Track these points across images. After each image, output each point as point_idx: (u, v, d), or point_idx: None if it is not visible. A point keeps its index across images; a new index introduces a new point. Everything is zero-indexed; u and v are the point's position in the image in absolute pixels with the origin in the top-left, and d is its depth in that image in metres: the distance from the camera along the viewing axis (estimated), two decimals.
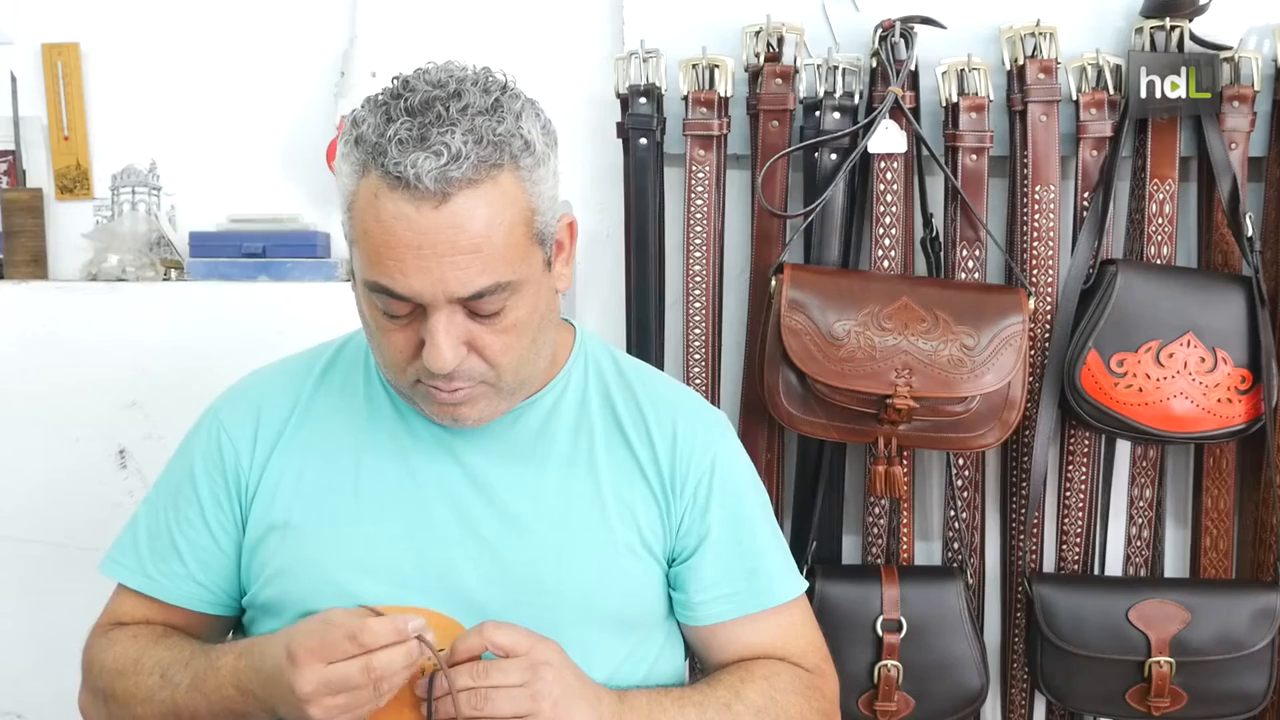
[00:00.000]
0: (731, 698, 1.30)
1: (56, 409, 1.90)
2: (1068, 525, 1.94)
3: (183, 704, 1.25)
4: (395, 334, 1.20)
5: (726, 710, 1.28)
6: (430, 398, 1.23)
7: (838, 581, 1.87)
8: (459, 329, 1.18)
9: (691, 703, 1.28)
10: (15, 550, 1.94)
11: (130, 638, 1.32)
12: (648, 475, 1.33)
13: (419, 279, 1.14)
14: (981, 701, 1.89)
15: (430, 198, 1.12)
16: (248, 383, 1.41)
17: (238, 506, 1.33)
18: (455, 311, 1.17)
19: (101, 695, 1.32)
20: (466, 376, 1.20)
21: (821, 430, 1.82)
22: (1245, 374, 1.83)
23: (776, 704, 1.31)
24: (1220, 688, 1.85)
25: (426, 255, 1.13)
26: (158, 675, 1.27)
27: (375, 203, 1.14)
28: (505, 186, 1.16)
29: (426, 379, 1.21)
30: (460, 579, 1.27)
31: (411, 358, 1.20)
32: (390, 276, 1.15)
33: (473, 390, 1.22)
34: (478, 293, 1.16)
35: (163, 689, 1.26)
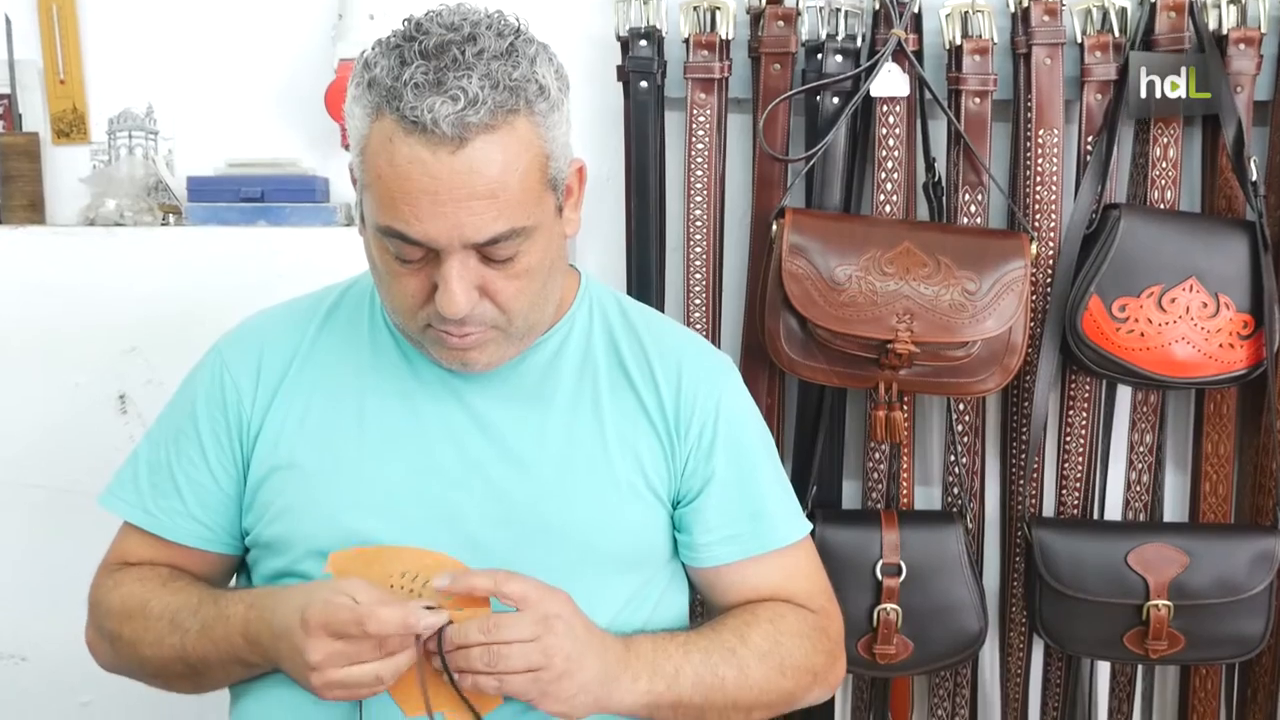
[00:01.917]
0: (736, 642, 1.30)
1: (56, 355, 1.90)
2: (1068, 470, 1.95)
3: (191, 649, 1.26)
4: (406, 279, 1.20)
5: (731, 655, 1.29)
6: (440, 342, 1.23)
7: (838, 526, 1.87)
8: (472, 274, 1.17)
9: (697, 648, 1.28)
10: (19, 495, 1.94)
11: (137, 580, 1.33)
12: (652, 418, 1.33)
13: (434, 224, 1.14)
14: (980, 645, 1.90)
15: (447, 143, 1.11)
16: (252, 323, 1.41)
17: (239, 446, 1.33)
18: (469, 257, 1.17)
19: (108, 636, 1.33)
20: (478, 321, 1.20)
21: (822, 375, 1.82)
22: (1247, 319, 1.83)
23: (781, 647, 1.32)
24: (1218, 631, 1.87)
25: (442, 201, 1.13)
26: (166, 620, 1.28)
27: (389, 147, 1.13)
28: (521, 132, 1.15)
29: (437, 324, 1.21)
30: (464, 520, 1.27)
31: (423, 303, 1.20)
32: (405, 222, 1.14)
33: (483, 335, 1.22)
34: (493, 238, 1.15)
35: (171, 634, 1.27)
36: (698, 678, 1.27)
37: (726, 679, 1.28)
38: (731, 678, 1.29)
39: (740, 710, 1.31)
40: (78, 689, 1.90)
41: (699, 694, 1.27)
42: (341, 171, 1.97)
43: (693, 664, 1.27)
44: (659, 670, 1.25)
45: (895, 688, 2.02)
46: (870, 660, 1.88)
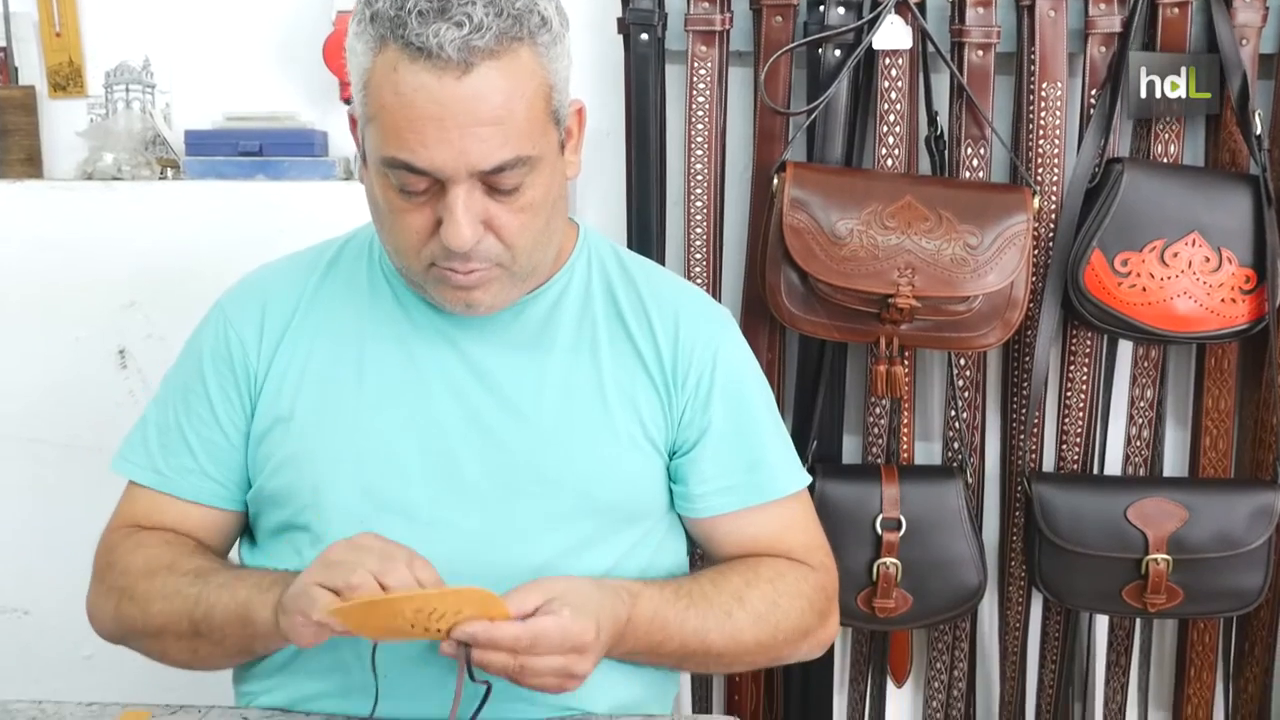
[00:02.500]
0: (734, 604, 1.30)
1: (55, 309, 1.90)
2: (1068, 425, 1.95)
3: (205, 598, 1.24)
4: (410, 214, 1.19)
5: (726, 619, 1.29)
6: (444, 281, 1.22)
7: (838, 481, 1.88)
8: (477, 206, 1.17)
9: (695, 612, 1.28)
10: (20, 450, 1.95)
11: (163, 544, 1.32)
12: (650, 368, 1.33)
13: (440, 151, 1.13)
14: (979, 599, 1.91)
15: (453, 68, 1.11)
16: (254, 277, 1.40)
17: (246, 400, 1.33)
18: (474, 188, 1.16)
19: (117, 594, 1.31)
20: (483, 258, 1.20)
21: (823, 330, 1.82)
22: (1249, 273, 1.82)
23: (778, 608, 1.32)
24: (1216, 584, 1.87)
25: (448, 127, 1.12)
26: (191, 575, 1.27)
27: (394, 75, 1.13)
28: (525, 60, 1.15)
29: (442, 261, 1.20)
30: (462, 469, 1.28)
31: (427, 238, 1.19)
32: (410, 150, 1.14)
33: (487, 273, 1.21)
34: (499, 166, 1.15)
35: (193, 585, 1.25)
36: (684, 644, 1.27)
37: (714, 645, 1.29)
38: (720, 644, 1.29)
39: (724, 666, 1.34)
40: (80, 642, 1.91)
41: (678, 655, 1.29)
42: (340, 125, 1.97)
43: (684, 635, 1.27)
44: (648, 640, 1.25)
45: (894, 641, 2.03)
46: (870, 614, 1.89)
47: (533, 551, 1.28)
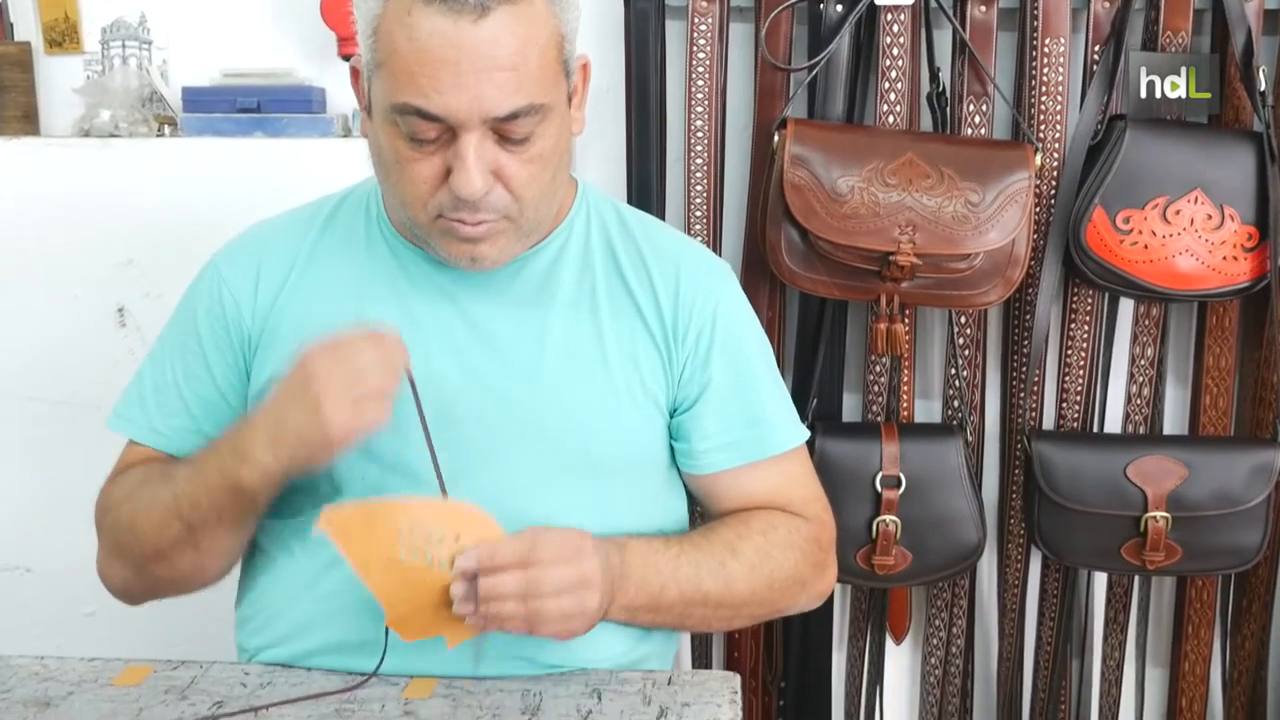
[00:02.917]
0: (727, 555, 1.31)
1: (53, 267, 1.89)
2: (1068, 383, 1.95)
3: (183, 495, 1.23)
4: (419, 164, 1.18)
5: (720, 569, 1.30)
6: (450, 234, 1.21)
7: (838, 438, 1.88)
8: (488, 155, 1.17)
9: (687, 562, 1.29)
10: (20, 408, 1.95)
11: (139, 471, 1.32)
12: (649, 325, 1.33)
13: (454, 96, 1.13)
14: (978, 556, 1.91)
15: (469, 12, 1.11)
16: (249, 234, 1.40)
17: (241, 359, 1.33)
18: (485, 137, 1.16)
19: (112, 534, 1.31)
20: (491, 209, 1.19)
21: (823, 288, 1.81)
22: (1252, 231, 1.82)
23: (771, 560, 1.33)
24: (1215, 542, 1.88)
25: (464, 72, 1.12)
26: (158, 481, 1.26)
27: (408, 20, 1.12)
28: (539, 8, 1.15)
29: (449, 212, 1.19)
30: (462, 425, 1.27)
31: (434, 189, 1.19)
32: (424, 95, 1.13)
33: (495, 225, 1.21)
34: (512, 112, 1.15)
35: (163, 490, 1.25)
36: (681, 594, 1.28)
37: (711, 594, 1.29)
38: (716, 592, 1.29)
39: (722, 619, 1.33)
40: (82, 599, 1.92)
41: (679, 607, 1.29)
42: (338, 82, 1.95)
43: (679, 582, 1.28)
44: (646, 584, 1.26)
45: (893, 598, 2.04)
46: (869, 571, 1.89)
47: (533, 507, 1.28)
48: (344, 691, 1.23)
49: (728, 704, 1.22)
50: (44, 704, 1.21)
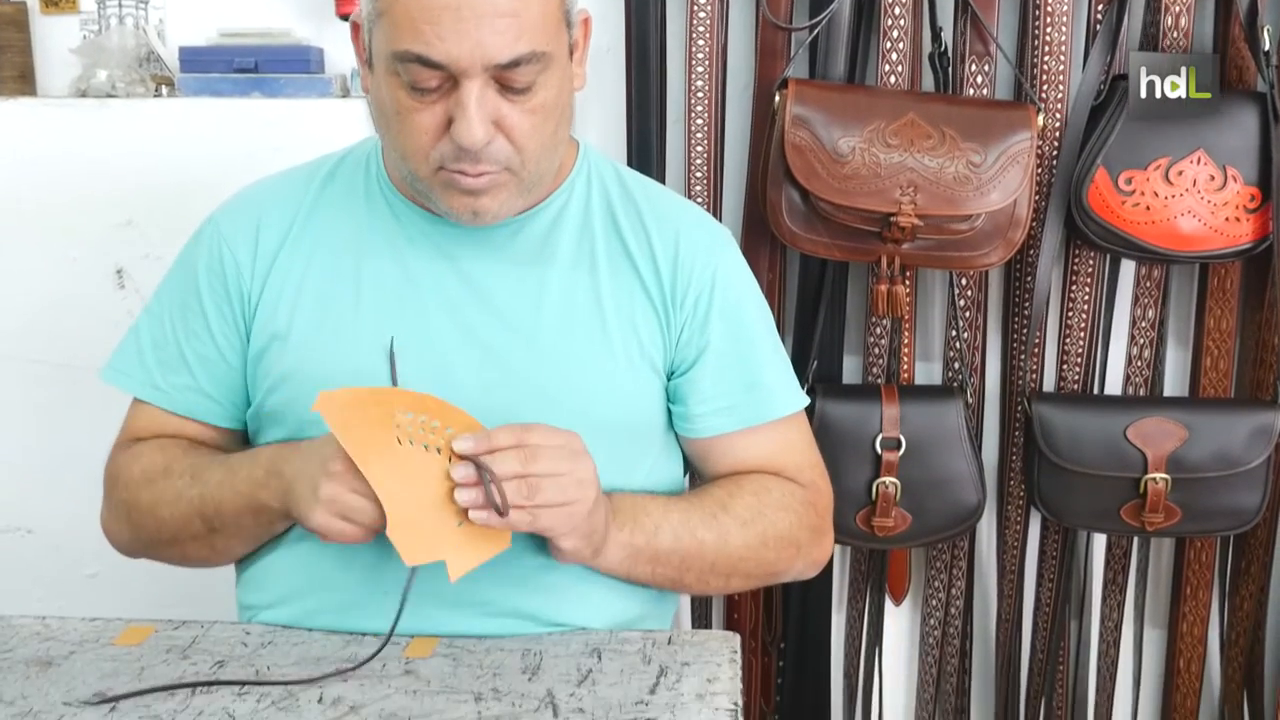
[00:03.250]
0: (718, 509, 1.31)
1: (52, 228, 1.89)
2: (1069, 345, 1.94)
3: (209, 498, 1.26)
4: (420, 114, 1.18)
5: (712, 520, 1.30)
6: (452, 186, 1.21)
7: (838, 400, 1.88)
8: (490, 104, 1.16)
9: (677, 509, 1.29)
10: (20, 369, 1.95)
11: (158, 449, 1.33)
12: (648, 288, 1.33)
13: (456, 43, 1.12)
14: (978, 518, 1.92)
15: None
16: (248, 193, 1.39)
17: (241, 318, 1.33)
18: (487, 85, 1.16)
19: (125, 507, 1.33)
20: (493, 160, 1.19)
21: (824, 249, 1.81)
22: (1255, 192, 1.81)
23: (764, 518, 1.33)
24: (1214, 503, 1.88)
25: (465, 18, 1.12)
26: (188, 476, 1.28)
27: None
28: None
29: (451, 163, 1.19)
30: (460, 385, 1.27)
31: (436, 139, 1.18)
32: (426, 42, 1.13)
33: (496, 177, 1.20)
34: (514, 60, 1.14)
35: (191, 487, 1.27)
36: (676, 537, 1.28)
37: (706, 541, 1.29)
38: (711, 541, 1.29)
39: (719, 575, 1.33)
40: (84, 561, 1.93)
41: (677, 554, 1.29)
42: (336, 42, 1.94)
43: (671, 523, 1.28)
44: (640, 524, 1.26)
45: (893, 560, 2.05)
46: (868, 533, 1.90)
47: None
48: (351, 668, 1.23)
49: (727, 663, 1.23)
50: (45, 663, 1.22)
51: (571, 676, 1.19)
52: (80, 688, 1.16)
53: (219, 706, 1.13)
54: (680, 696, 1.15)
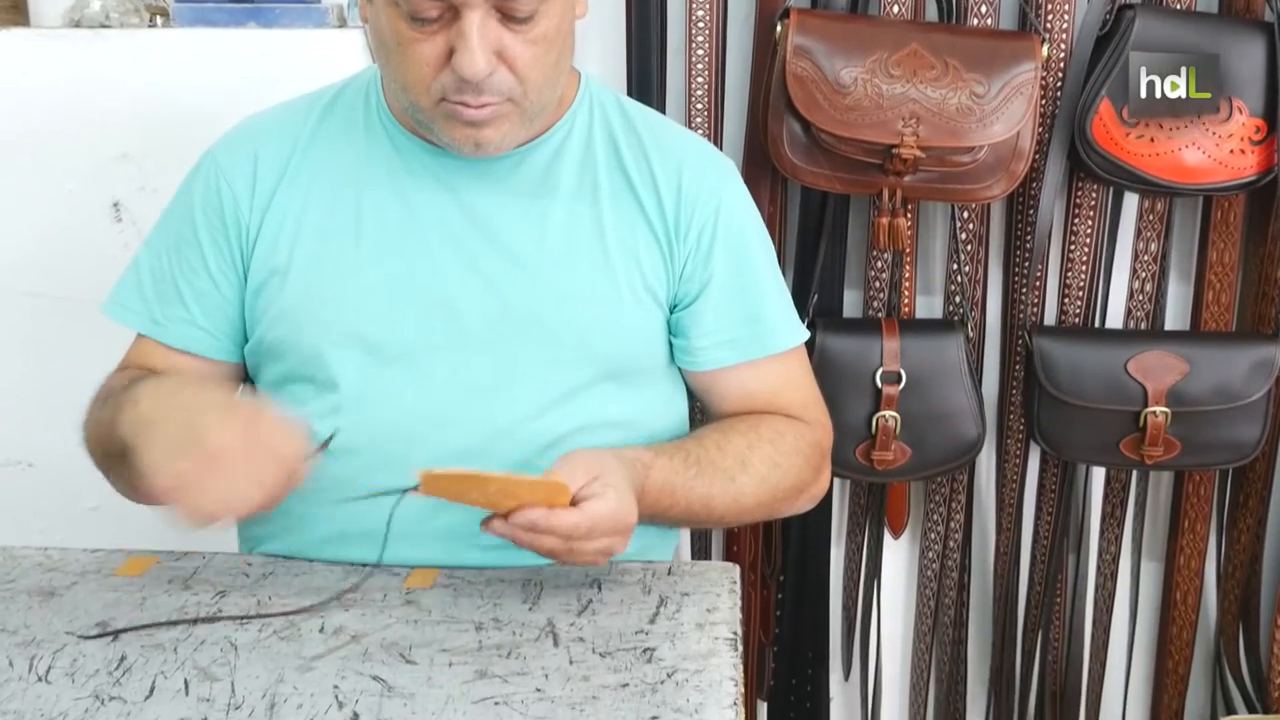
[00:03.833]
0: (738, 469, 1.31)
1: (47, 161, 1.87)
2: (1070, 279, 1.94)
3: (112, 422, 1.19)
4: (420, 45, 1.16)
5: (731, 483, 1.30)
6: (453, 117, 1.20)
7: (838, 334, 1.87)
8: (492, 35, 1.15)
9: (702, 481, 1.29)
10: (18, 303, 1.94)
11: (129, 375, 1.31)
12: (651, 220, 1.32)
13: None
14: (977, 451, 1.92)
15: None
16: (246, 125, 1.38)
17: (238, 252, 1.32)
18: (489, 15, 1.14)
19: (83, 429, 1.31)
20: (494, 91, 1.18)
21: (825, 181, 1.79)
22: (1260, 124, 1.79)
23: (779, 468, 1.34)
24: (1214, 437, 1.88)
25: None
26: (126, 399, 1.20)
27: None
28: None
29: (452, 95, 1.17)
30: (461, 319, 1.27)
31: (437, 71, 1.17)
32: None
33: (499, 109, 1.19)
34: None
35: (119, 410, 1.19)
36: (688, 508, 1.29)
37: (716, 509, 1.30)
38: (723, 506, 1.31)
39: (721, 525, 1.38)
40: (84, 495, 1.93)
41: (681, 519, 1.31)
42: None
43: (690, 502, 1.28)
44: (655, 506, 1.26)
45: (892, 493, 2.05)
46: (868, 466, 1.90)
47: (531, 400, 1.28)
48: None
49: (726, 593, 1.24)
50: (48, 593, 1.22)
51: (572, 606, 1.20)
52: (82, 617, 1.17)
53: (220, 635, 1.14)
54: (680, 626, 1.16)
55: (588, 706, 1.02)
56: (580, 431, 1.31)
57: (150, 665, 1.08)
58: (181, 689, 1.05)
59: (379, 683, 1.05)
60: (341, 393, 1.28)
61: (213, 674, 1.07)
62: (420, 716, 1.00)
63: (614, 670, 1.08)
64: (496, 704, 1.02)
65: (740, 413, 1.39)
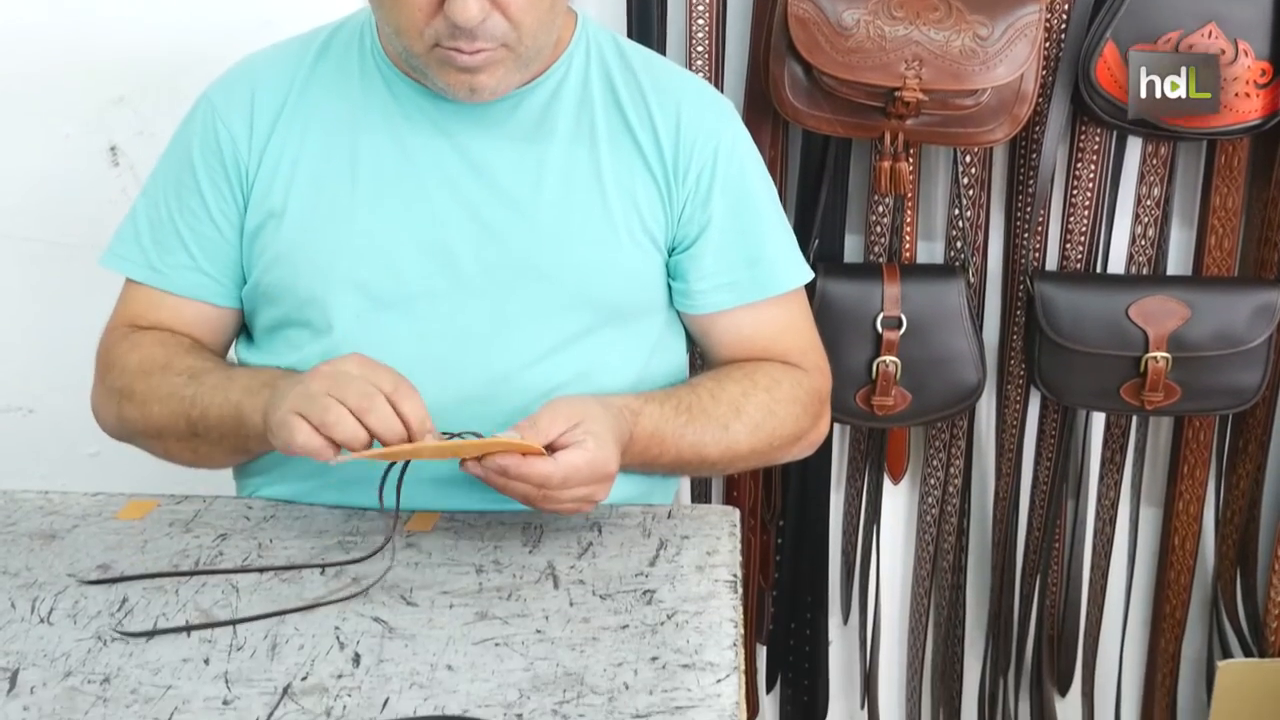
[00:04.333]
0: (731, 416, 1.31)
1: (42, 104, 1.86)
2: (1073, 224, 1.93)
3: (200, 400, 1.24)
4: None
5: (725, 431, 1.30)
6: (447, 63, 1.19)
7: (839, 279, 1.87)
8: None
9: (694, 428, 1.28)
10: (16, 249, 1.94)
11: (159, 343, 1.32)
12: (649, 162, 1.31)
13: None
14: (977, 397, 1.92)
15: None
16: (241, 67, 1.37)
17: (239, 193, 1.31)
18: None
19: (117, 394, 1.32)
20: (488, 36, 1.17)
21: (827, 125, 1.78)
22: (1266, 67, 1.78)
23: (774, 416, 1.33)
24: (1214, 382, 1.88)
25: None
26: (185, 376, 1.27)
27: None
28: None
29: (446, 41, 1.16)
30: (458, 263, 1.26)
31: (430, 16, 1.16)
32: None
33: (493, 54, 1.18)
34: None
35: (186, 386, 1.26)
36: (679, 456, 1.29)
37: (709, 457, 1.30)
38: (716, 454, 1.30)
39: (715, 472, 1.39)
40: (85, 440, 1.92)
41: (674, 465, 1.31)
42: None
43: (680, 450, 1.28)
44: (645, 454, 1.26)
45: (892, 439, 2.05)
46: (868, 412, 1.90)
47: (530, 344, 1.28)
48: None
49: (726, 536, 1.24)
50: (49, 536, 1.23)
51: (572, 549, 1.20)
52: (84, 560, 1.17)
53: (222, 578, 1.14)
54: (680, 569, 1.17)
55: (588, 647, 1.02)
56: (579, 378, 1.30)
57: (152, 607, 1.09)
58: (183, 630, 1.05)
59: (380, 624, 1.06)
60: (337, 337, 1.28)
61: (214, 616, 1.07)
62: (421, 657, 1.00)
63: (614, 612, 1.08)
64: (497, 645, 1.02)
65: (739, 359, 1.39)
